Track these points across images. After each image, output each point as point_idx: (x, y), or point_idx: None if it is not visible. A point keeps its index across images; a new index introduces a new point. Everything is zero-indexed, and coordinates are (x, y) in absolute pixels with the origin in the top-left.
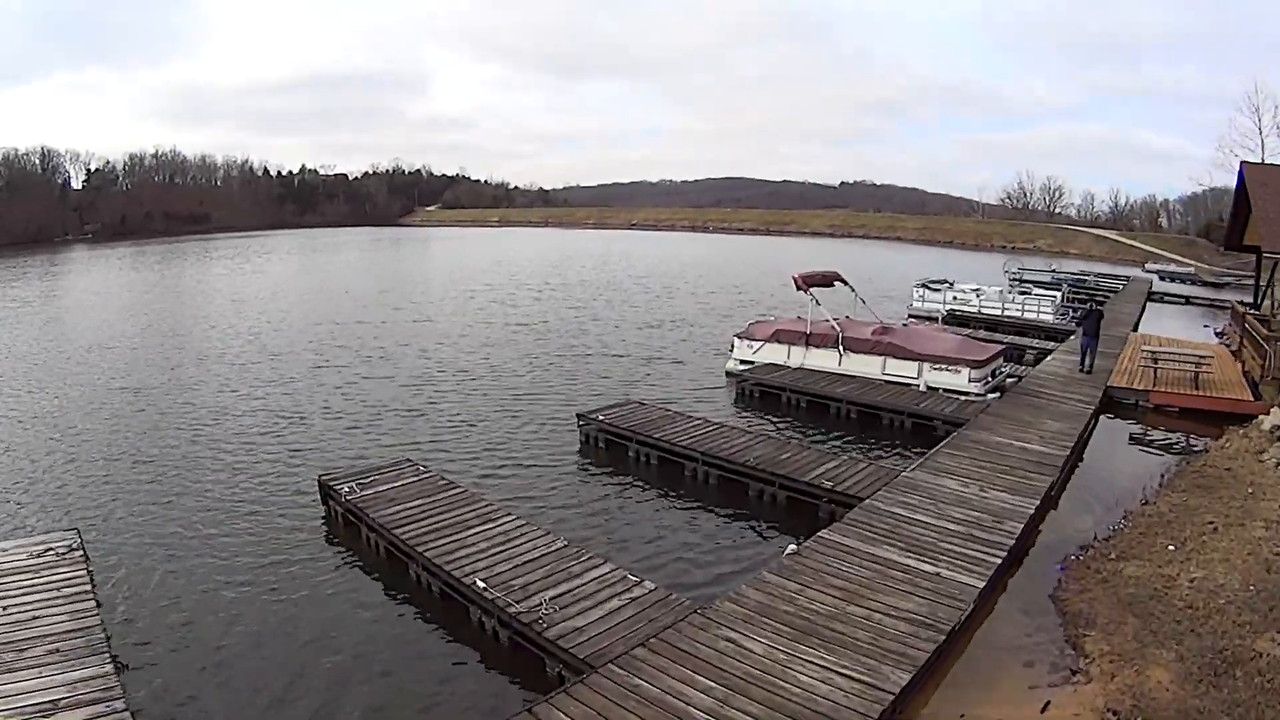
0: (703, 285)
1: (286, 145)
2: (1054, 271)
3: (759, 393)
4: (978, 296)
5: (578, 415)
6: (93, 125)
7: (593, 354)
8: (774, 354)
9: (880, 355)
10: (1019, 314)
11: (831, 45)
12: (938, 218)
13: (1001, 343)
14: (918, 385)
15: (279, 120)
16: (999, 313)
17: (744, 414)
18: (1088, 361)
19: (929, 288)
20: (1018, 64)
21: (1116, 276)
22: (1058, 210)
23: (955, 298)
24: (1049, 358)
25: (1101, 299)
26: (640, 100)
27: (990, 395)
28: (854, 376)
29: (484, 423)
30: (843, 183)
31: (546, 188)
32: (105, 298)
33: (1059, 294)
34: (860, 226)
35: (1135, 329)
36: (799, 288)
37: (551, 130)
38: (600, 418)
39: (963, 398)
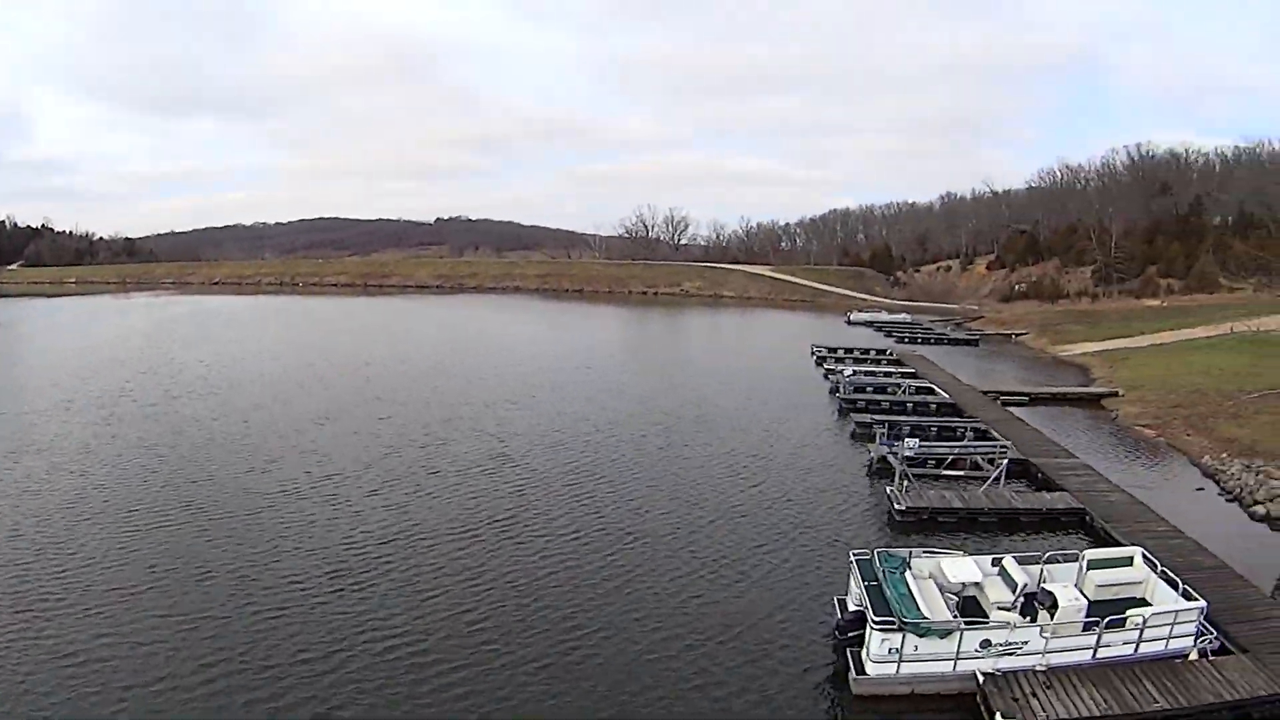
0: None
1: None
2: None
3: None
4: None
5: None
6: None
7: None
8: None
9: None
10: None
11: (437, 83)
12: (562, 262)
13: None
14: None
15: None
16: None
17: None
18: None
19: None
20: (619, 99)
21: (881, 353)
22: (683, 242)
23: None
24: None
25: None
26: (242, 140)
27: None
28: None
29: None
30: (439, 219)
31: (134, 237)
32: None
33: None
34: (471, 276)
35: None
36: None
37: (150, 172)
38: None
39: None
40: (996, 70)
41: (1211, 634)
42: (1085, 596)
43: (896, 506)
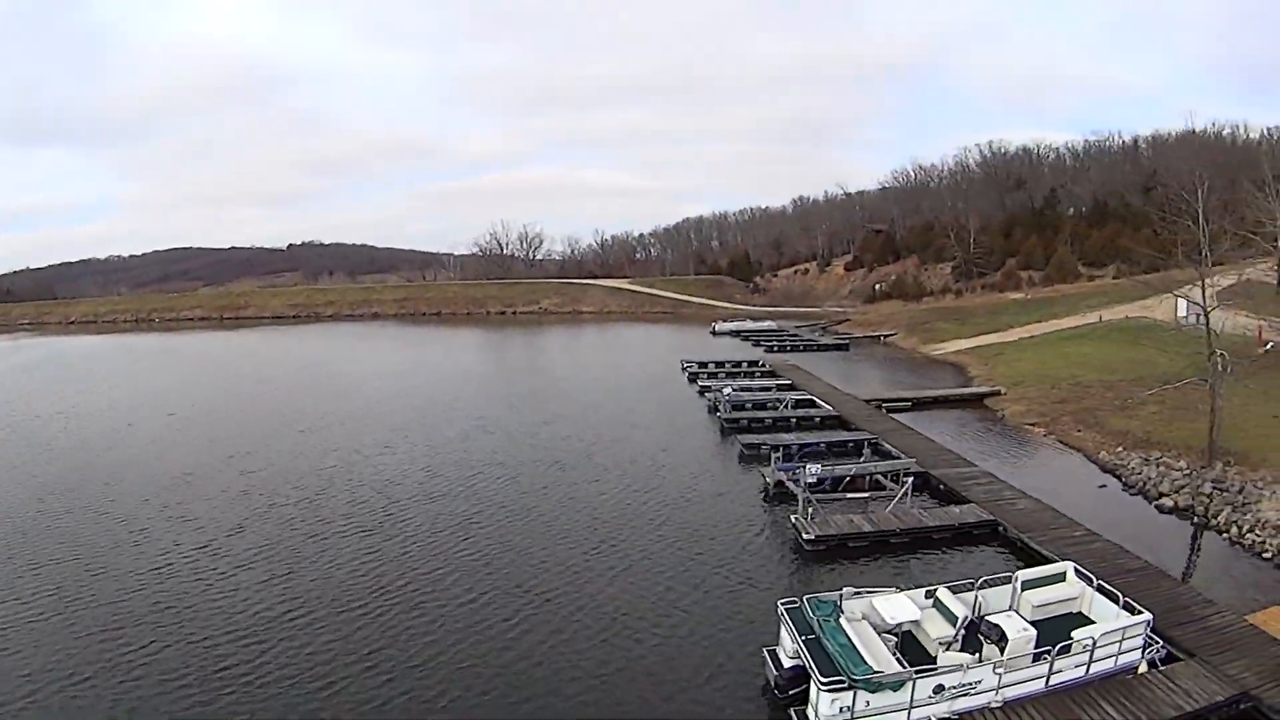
0: None
1: None
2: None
3: None
4: None
5: None
6: None
7: None
8: None
9: None
10: None
11: (282, 106)
12: (418, 284)
13: None
14: None
15: None
16: None
17: None
18: None
19: None
20: (467, 115)
21: (754, 364)
22: (538, 258)
23: None
24: None
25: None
26: (91, 170)
27: None
28: None
29: None
30: (291, 245)
31: None
32: None
33: None
34: (329, 304)
35: None
36: None
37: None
38: None
39: None
40: (841, 76)
41: (1158, 643)
42: (1029, 623)
43: (805, 536)
